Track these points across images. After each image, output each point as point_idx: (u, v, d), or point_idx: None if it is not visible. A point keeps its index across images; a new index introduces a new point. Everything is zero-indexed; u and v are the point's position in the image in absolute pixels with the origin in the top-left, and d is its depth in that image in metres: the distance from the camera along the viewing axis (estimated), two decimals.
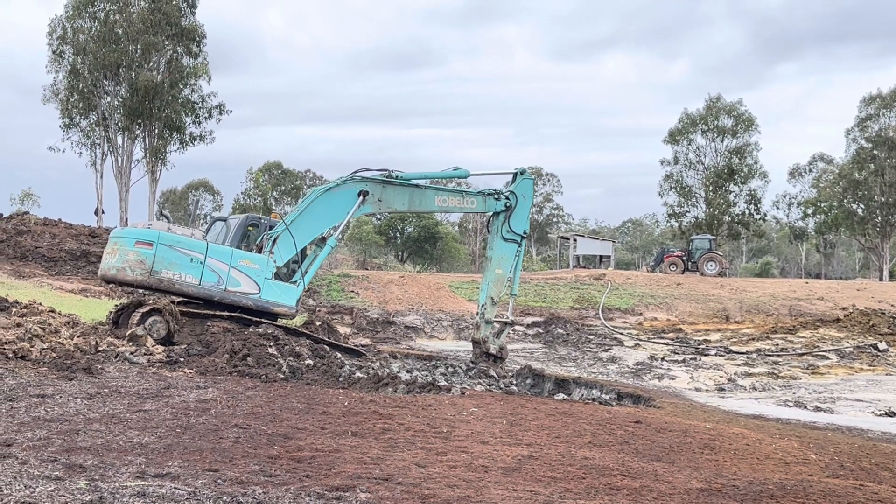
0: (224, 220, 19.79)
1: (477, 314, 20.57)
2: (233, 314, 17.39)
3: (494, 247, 20.24)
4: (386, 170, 18.98)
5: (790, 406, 17.18)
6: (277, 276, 17.81)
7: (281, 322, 18.28)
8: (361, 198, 18.39)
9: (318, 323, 20.55)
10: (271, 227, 18.40)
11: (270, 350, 15.53)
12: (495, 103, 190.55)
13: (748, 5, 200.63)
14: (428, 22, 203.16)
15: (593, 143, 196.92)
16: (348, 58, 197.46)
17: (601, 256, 65.32)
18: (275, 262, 17.70)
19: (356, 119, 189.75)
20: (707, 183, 73.02)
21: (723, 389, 20.02)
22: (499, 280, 19.96)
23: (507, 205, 20.00)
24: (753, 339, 29.92)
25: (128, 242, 16.92)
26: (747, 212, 73.77)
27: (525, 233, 20.44)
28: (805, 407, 17.00)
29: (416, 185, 19.34)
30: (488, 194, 20.10)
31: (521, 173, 20.51)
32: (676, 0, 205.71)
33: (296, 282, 18.12)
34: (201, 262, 16.96)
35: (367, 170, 18.92)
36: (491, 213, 20.48)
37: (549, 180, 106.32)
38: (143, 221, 19.05)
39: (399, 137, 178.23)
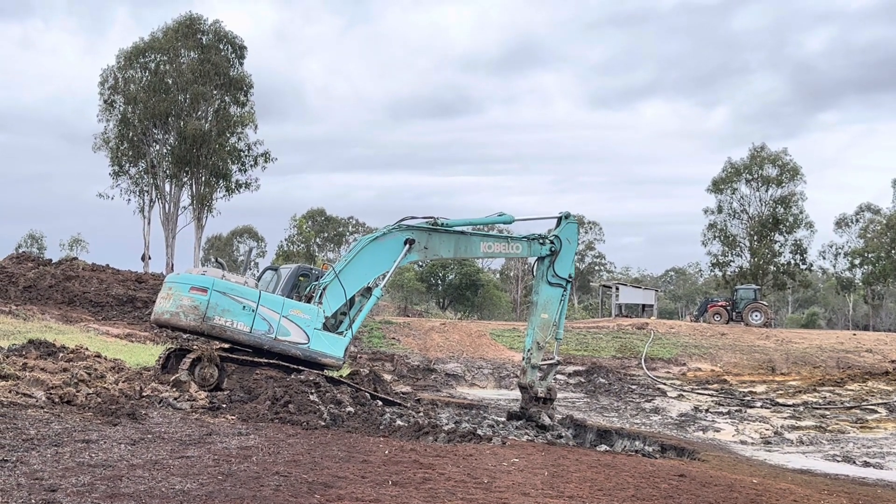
0: (275, 269, 19.88)
1: (523, 359, 20.32)
2: (279, 363, 17.44)
3: (540, 291, 20.00)
4: (431, 217, 18.91)
5: (838, 461, 16.82)
6: (325, 326, 17.83)
7: (326, 372, 18.30)
8: (408, 246, 18.35)
9: (364, 372, 20.49)
10: (319, 277, 18.49)
11: (312, 397, 15.55)
12: (534, 151, 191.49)
13: (788, 54, 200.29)
14: (466, 70, 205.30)
15: (633, 191, 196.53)
16: (388, 105, 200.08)
17: (644, 305, 64.77)
18: (324, 312, 17.74)
19: (397, 166, 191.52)
20: (752, 232, 72.32)
21: (769, 443, 19.66)
22: (544, 325, 19.68)
23: (553, 249, 19.89)
24: (800, 392, 29.40)
25: (182, 288, 16.97)
26: (793, 262, 72.84)
27: (570, 277, 20.27)
28: (854, 462, 16.63)
29: (462, 232, 19.25)
30: (533, 239, 19.97)
31: (566, 217, 20.47)
32: (715, 48, 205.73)
33: (342, 332, 18.12)
34: (253, 310, 16.98)
35: (413, 217, 18.86)
36: (536, 258, 20.36)
37: (590, 228, 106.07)
38: (197, 268, 19.09)
39: (439, 185, 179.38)
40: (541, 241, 20.02)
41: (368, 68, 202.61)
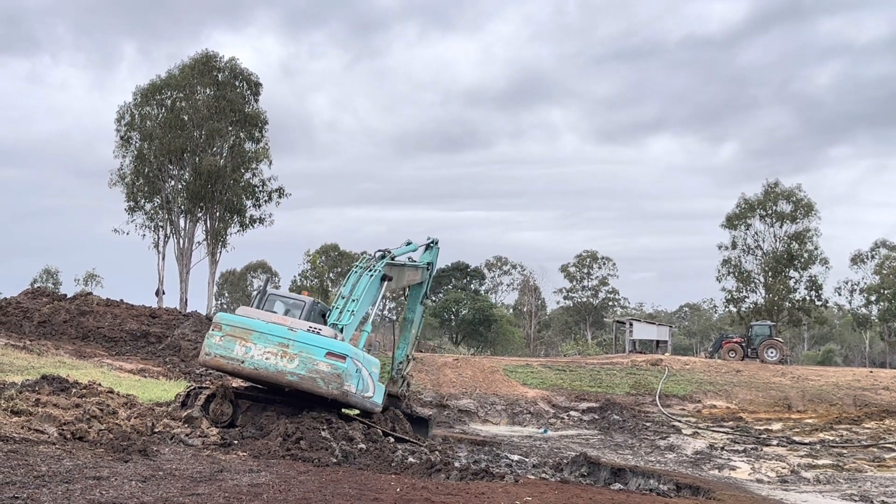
0: (281, 296, 19.64)
1: (392, 370, 21.79)
2: (287, 398, 17.42)
3: (416, 310, 22.54)
4: (385, 249, 19.66)
5: (856, 500, 16.62)
6: None
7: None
8: (385, 283, 19.08)
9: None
10: (325, 312, 18.61)
11: (323, 433, 15.49)
12: (542, 186, 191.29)
13: (796, 89, 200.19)
14: (472, 105, 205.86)
15: (642, 226, 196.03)
16: (394, 140, 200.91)
17: (658, 341, 64.40)
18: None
19: (406, 201, 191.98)
20: (766, 268, 71.98)
21: (785, 481, 19.45)
22: (414, 340, 22.38)
23: (431, 274, 22.46)
24: (817, 430, 29.11)
25: (315, 352, 16.51)
26: (808, 298, 72.39)
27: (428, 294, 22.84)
28: (871, 501, 16.42)
29: (403, 265, 20.60)
30: (425, 266, 22.07)
31: (435, 243, 22.51)
32: (722, 83, 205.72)
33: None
34: (359, 371, 16.89)
35: (385, 250, 19.60)
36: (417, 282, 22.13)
37: (604, 264, 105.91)
38: (279, 314, 18.71)
39: (448, 220, 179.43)
40: (426, 266, 22.16)
41: (375, 103, 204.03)
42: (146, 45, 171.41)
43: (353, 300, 18.26)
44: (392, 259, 19.53)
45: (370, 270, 18.70)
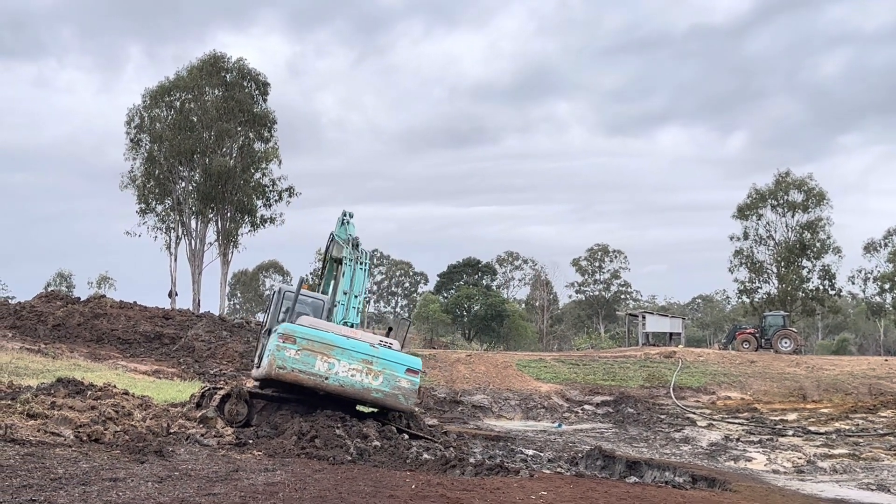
0: (306, 296, 19.56)
1: None
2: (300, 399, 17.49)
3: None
4: (337, 234, 20.03)
5: (873, 489, 16.54)
6: None
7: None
8: None
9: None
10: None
11: (338, 431, 15.52)
12: (551, 180, 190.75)
13: (804, 78, 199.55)
14: (479, 100, 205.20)
15: (653, 218, 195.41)
16: (403, 137, 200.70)
17: (671, 334, 64.23)
18: None
19: (416, 197, 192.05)
20: (779, 258, 71.68)
21: (802, 472, 19.39)
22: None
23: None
24: (832, 419, 29.01)
25: (397, 368, 17.03)
26: (821, 287, 72.07)
27: None
28: (889, 490, 16.35)
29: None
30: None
31: (351, 216, 21.80)
32: (730, 73, 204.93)
33: None
34: None
35: (353, 237, 19.60)
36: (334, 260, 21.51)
37: (615, 257, 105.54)
38: (366, 332, 19.06)
39: (459, 216, 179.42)
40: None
41: (382, 100, 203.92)
42: (152, 47, 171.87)
43: (355, 296, 18.36)
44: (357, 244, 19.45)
45: (361, 264, 18.75)
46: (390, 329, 20.55)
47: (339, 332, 17.26)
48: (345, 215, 21.17)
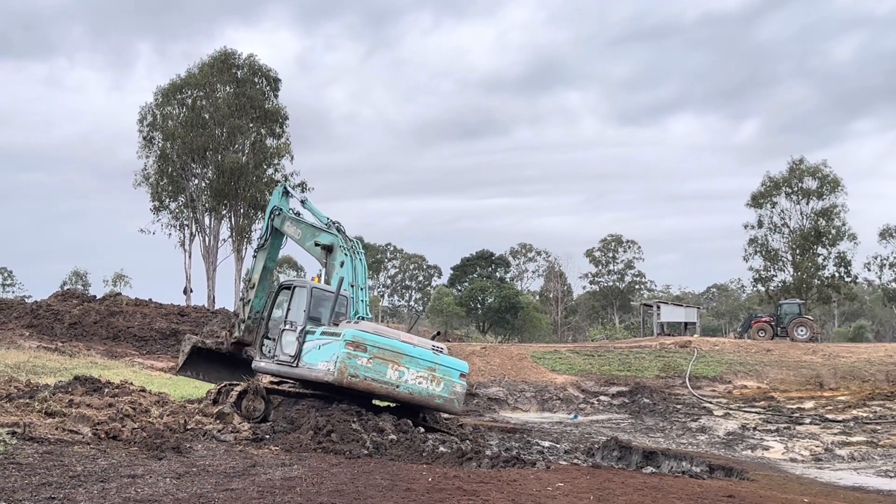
0: (328, 292, 19.42)
1: (249, 318, 21.14)
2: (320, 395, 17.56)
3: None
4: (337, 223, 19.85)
5: (892, 476, 16.47)
6: None
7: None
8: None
9: None
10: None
11: (354, 425, 15.54)
12: (563, 171, 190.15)
13: (816, 63, 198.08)
14: (489, 92, 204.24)
15: (666, 207, 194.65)
16: (413, 130, 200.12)
17: (686, 323, 64.07)
18: None
19: (428, 191, 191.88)
20: (794, 246, 71.32)
21: (819, 460, 19.32)
22: None
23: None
24: (850, 407, 28.87)
25: (453, 374, 17.83)
26: (837, 275, 71.69)
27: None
28: None
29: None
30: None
31: (280, 184, 21.94)
32: (741, 59, 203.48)
33: None
34: None
35: (331, 220, 19.96)
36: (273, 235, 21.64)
37: (629, 247, 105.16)
38: (423, 338, 19.21)
39: (471, 208, 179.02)
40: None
41: (392, 94, 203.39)
42: (161, 45, 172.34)
43: (362, 289, 18.41)
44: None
45: (358, 254, 18.85)
46: (438, 333, 20.93)
47: (402, 339, 17.65)
48: (285, 184, 21.29)
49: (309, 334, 17.42)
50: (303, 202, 21.20)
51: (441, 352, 18.05)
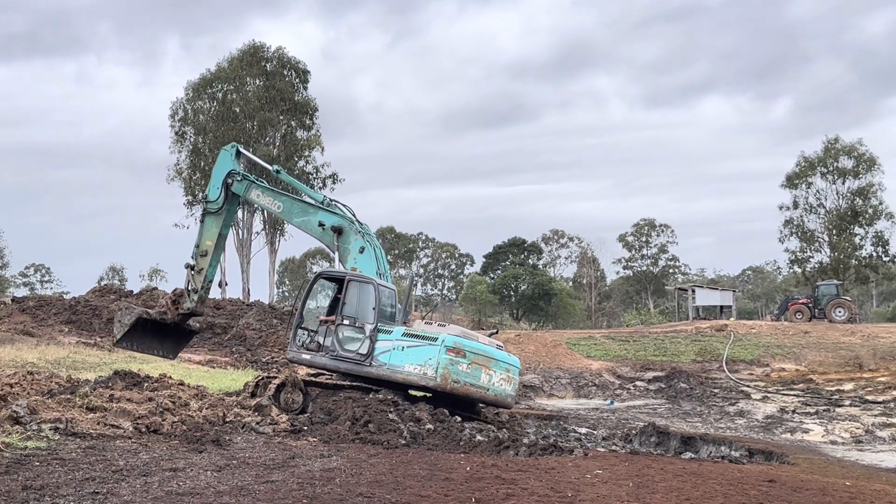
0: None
1: (202, 288, 20.98)
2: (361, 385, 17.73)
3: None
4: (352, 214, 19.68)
5: None
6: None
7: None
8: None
9: None
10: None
11: (391, 416, 15.60)
12: (593, 155, 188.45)
13: (849, 39, 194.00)
14: (517, 77, 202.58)
15: (698, 190, 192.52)
16: (442, 118, 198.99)
17: (722, 307, 63.61)
18: None
19: (457, 178, 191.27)
20: (830, 226, 70.45)
21: (860, 442, 19.12)
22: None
23: None
24: (890, 388, 28.48)
25: (516, 372, 18.57)
26: (875, 254, 70.76)
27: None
28: None
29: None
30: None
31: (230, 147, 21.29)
32: (771, 38, 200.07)
33: None
34: None
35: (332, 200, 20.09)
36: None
37: (662, 231, 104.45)
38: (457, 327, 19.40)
39: (502, 195, 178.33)
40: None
41: (419, 82, 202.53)
42: (188, 39, 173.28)
43: (385, 269, 18.66)
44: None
45: (369, 236, 19.15)
46: (496, 330, 21.13)
47: (485, 343, 18.17)
48: (238, 144, 21.20)
49: (382, 333, 17.43)
50: (277, 172, 20.88)
51: (502, 349, 18.58)
